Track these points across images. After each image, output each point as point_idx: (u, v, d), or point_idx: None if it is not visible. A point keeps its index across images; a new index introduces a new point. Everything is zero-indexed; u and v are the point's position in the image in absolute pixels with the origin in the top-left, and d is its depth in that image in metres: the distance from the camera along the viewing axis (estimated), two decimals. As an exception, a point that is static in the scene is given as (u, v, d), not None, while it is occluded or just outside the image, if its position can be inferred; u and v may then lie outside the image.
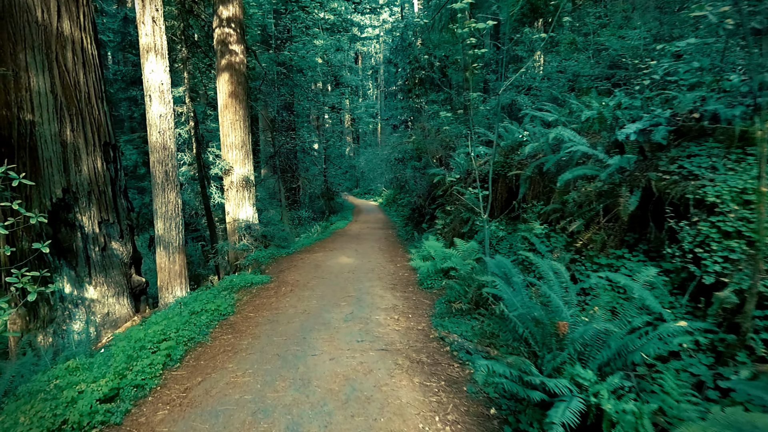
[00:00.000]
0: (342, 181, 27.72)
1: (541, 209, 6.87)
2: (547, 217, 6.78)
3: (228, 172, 12.89)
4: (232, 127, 12.91)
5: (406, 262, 10.76)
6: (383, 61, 37.04)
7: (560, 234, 6.36)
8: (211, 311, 6.62)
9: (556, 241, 6.33)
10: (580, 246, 5.59)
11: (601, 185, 5.63)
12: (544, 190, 7.09)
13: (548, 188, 6.94)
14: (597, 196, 5.72)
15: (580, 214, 5.88)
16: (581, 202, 5.92)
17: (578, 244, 5.58)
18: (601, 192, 5.61)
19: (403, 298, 7.64)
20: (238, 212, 13.10)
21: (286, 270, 10.59)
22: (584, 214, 5.84)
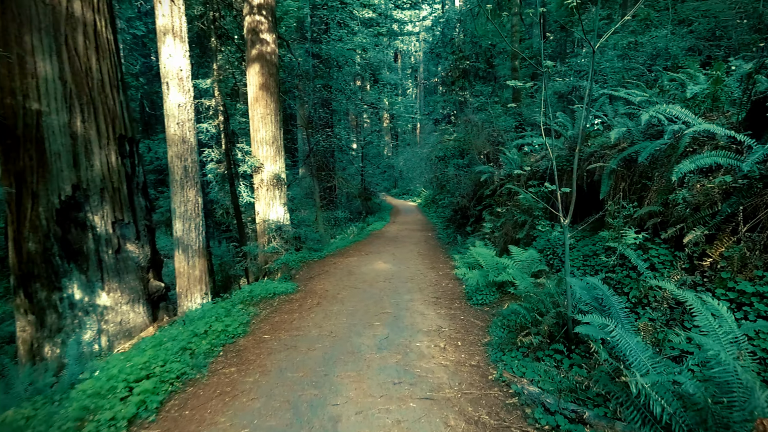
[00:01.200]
0: (380, 181, 26.37)
1: (633, 212, 5.19)
2: (640, 222, 5.12)
3: (258, 169, 11.75)
4: (263, 121, 11.76)
5: (449, 270, 9.23)
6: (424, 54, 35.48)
7: (662, 245, 4.71)
8: (217, 333, 5.33)
9: (657, 255, 4.68)
10: (707, 265, 3.92)
11: (731, 180, 3.97)
12: (634, 188, 5.43)
13: (640, 185, 5.28)
14: (724, 195, 4.06)
15: (697, 220, 4.22)
16: (698, 203, 4.26)
17: (706, 262, 3.91)
18: (733, 189, 3.95)
19: (449, 317, 6.13)
20: (269, 212, 11.94)
21: (316, 277, 9.27)
22: (703, 219, 4.17)
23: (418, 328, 5.69)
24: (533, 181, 7.63)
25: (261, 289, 7.40)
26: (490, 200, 9.65)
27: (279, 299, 7.28)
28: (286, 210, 12.09)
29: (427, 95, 36.16)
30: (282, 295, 7.53)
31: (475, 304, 6.56)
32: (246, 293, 7.18)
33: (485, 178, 9.54)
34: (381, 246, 12.93)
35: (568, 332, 4.24)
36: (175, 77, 8.30)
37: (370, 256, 11.27)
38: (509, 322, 5.25)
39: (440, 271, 9.17)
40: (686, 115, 4.79)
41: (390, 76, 26.94)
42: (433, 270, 9.33)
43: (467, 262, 8.86)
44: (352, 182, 22.84)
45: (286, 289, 7.69)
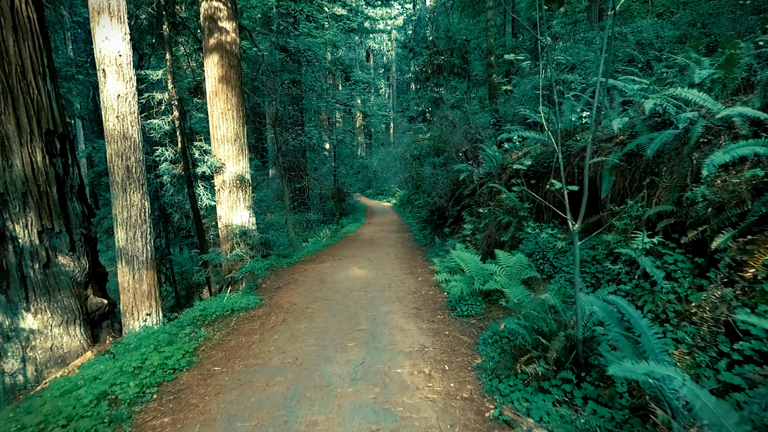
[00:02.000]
0: (354, 182, 25.32)
1: (642, 213, 4.34)
2: (648, 223, 4.28)
3: (219, 170, 10.57)
4: (223, 117, 10.59)
5: (428, 275, 8.31)
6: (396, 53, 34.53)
7: (676, 251, 3.89)
8: (152, 368, 4.21)
9: (674, 261, 3.86)
10: (749, 275, 3.08)
11: (763, 174, 3.16)
12: (637, 185, 4.60)
13: (647, 181, 4.45)
14: (754, 192, 3.25)
15: (723, 221, 3.40)
16: (722, 201, 3.44)
17: (748, 272, 3.07)
18: (764, 184, 3.15)
19: (433, 332, 5.19)
20: (232, 216, 10.77)
21: (284, 287, 8.20)
22: (730, 220, 3.36)
23: (398, 349, 4.71)
24: (517, 179, 6.77)
25: (217, 305, 6.28)
26: (470, 200, 8.78)
27: (238, 317, 6.18)
28: (252, 213, 10.93)
29: (401, 95, 35.30)
30: (242, 311, 6.43)
31: (460, 316, 5.63)
32: (198, 312, 6.06)
33: (464, 177, 8.66)
34: (356, 249, 11.92)
35: (577, 356, 3.36)
36: (112, 63, 7.10)
37: (344, 261, 10.25)
38: (504, 342, 4.33)
39: (419, 277, 8.23)
40: (704, 99, 3.99)
41: (362, 75, 25.94)
42: (411, 275, 8.38)
43: (448, 266, 7.95)
44: (324, 183, 21.72)
45: (247, 304, 6.60)
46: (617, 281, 4.47)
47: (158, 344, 4.68)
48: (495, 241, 6.75)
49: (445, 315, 5.79)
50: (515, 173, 6.94)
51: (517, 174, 6.87)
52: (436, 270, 8.35)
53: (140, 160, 7.54)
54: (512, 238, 6.37)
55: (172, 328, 5.37)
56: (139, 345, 4.76)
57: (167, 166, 10.47)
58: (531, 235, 6.16)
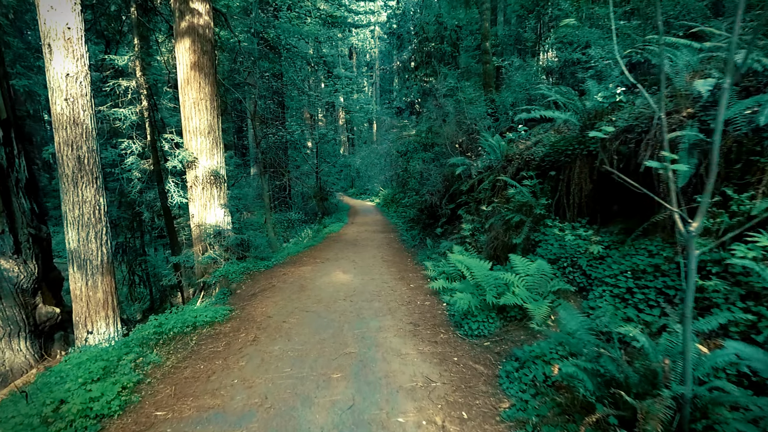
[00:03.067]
0: (336, 181, 24.21)
1: (748, 207, 3.32)
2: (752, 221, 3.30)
3: (191, 164, 9.44)
4: (196, 107, 9.46)
5: (421, 281, 7.37)
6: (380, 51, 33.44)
7: None
8: (70, 417, 3.12)
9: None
10: None
11: None
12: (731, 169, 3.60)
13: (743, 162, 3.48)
14: None
15: None
16: None
17: None
18: None
19: (438, 358, 4.22)
20: (205, 215, 9.64)
21: (260, 294, 7.15)
22: None
23: (396, 383, 3.73)
24: (528, 172, 5.85)
25: (176, 319, 5.20)
26: (468, 197, 7.86)
27: (200, 335, 5.11)
28: (227, 212, 9.81)
29: (384, 93, 34.28)
30: (206, 326, 5.36)
31: (469, 336, 4.67)
32: (152, 329, 4.95)
33: (460, 171, 7.72)
34: (339, 251, 10.89)
35: (682, 424, 2.35)
36: (59, 37, 5.94)
37: (326, 264, 9.22)
38: (547, 387, 3.35)
39: (411, 283, 7.26)
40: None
41: (345, 73, 24.86)
42: (402, 281, 7.41)
43: (444, 271, 7.03)
44: (307, 182, 20.59)
45: (213, 317, 5.53)
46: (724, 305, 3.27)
47: (88, 378, 3.58)
48: (503, 243, 5.82)
49: (449, 334, 4.83)
50: (525, 164, 6.04)
51: (527, 165, 5.96)
52: (431, 275, 7.41)
53: (94, 150, 6.40)
54: (527, 240, 5.45)
55: (116, 351, 4.27)
56: (67, 375, 3.65)
57: (134, 159, 9.26)
58: (552, 236, 5.21)
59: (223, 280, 8.92)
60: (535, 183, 5.67)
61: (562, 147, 5.35)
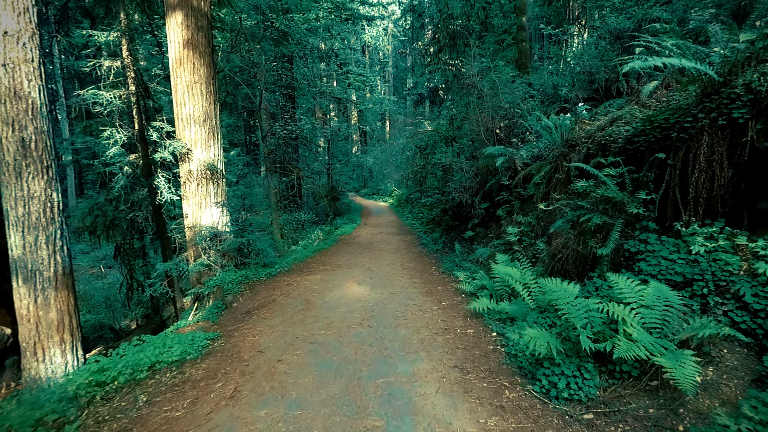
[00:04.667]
0: (349, 180, 22.61)
1: None
2: None
3: (185, 157, 7.94)
4: (189, 91, 7.95)
5: (454, 296, 5.75)
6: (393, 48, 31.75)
7: None
8: None
9: None
10: None
11: None
12: None
13: None
14: None
15: None
16: None
17: None
18: None
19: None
20: (200, 215, 8.12)
21: (256, 312, 5.58)
22: None
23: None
24: (608, 158, 4.17)
25: (130, 360, 3.62)
26: (509, 194, 6.19)
27: (159, 383, 3.53)
28: (225, 212, 8.27)
29: (396, 92, 32.69)
30: (172, 368, 3.76)
31: (553, 398, 3.01)
32: (87, 376, 3.35)
33: (501, 163, 6.05)
34: (352, 256, 9.28)
35: None
36: (-7, -17, 4.40)
37: (338, 273, 7.62)
38: None
39: (443, 299, 5.63)
40: None
41: (357, 70, 23.29)
42: (431, 297, 5.78)
43: (485, 286, 5.42)
44: (318, 181, 19.02)
45: (183, 353, 3.95)
46: None
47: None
48: (577, 254, 4.16)
49: (518, 391, 3.19)
50: (600, 149, 4.38)
51: (603, 150, 4.31)
52: (466, 289, 5.77)
53: (44, 131, 4.87)
54: (618, 250, 3.77)
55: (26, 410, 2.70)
56: None
57: (118, 151, 7.73)
58: (662, 246, 3.50)
59: (217, 290, 7.38)
60: (623, 171, 3.99)
61: (672, 119, 3.66)
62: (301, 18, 11.22)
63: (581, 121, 5.25)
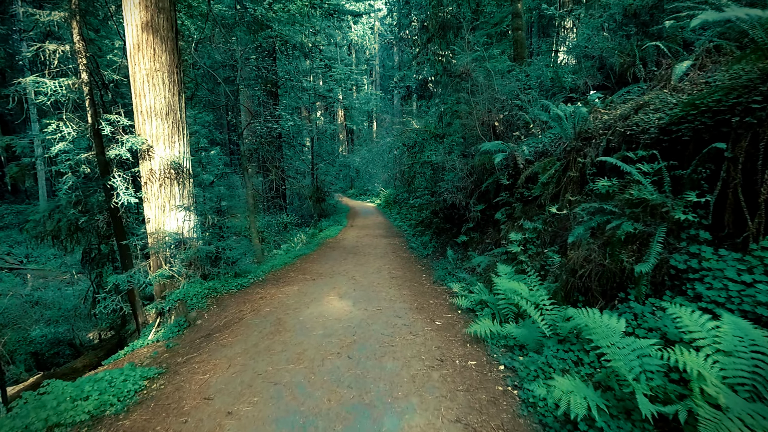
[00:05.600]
0: (335, 181, 21.60)
1: None
2: None
3: (145, 154, 6.94)
4: (150, 81, 6.97)
5: (449, 313, 4.89)
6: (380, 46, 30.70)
7: None
8: None
9: None
10: None
11: None
12: None
13: None
14: None
15: None
16: None
17: None
18: None
19: None
20: (164, 219, 7.14)
21: (217, 335, 4.64)
22: None
23: None
24: (640, 151, 3.31)
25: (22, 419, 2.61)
26: (509, 195, 5.33)
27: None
28: (193, 215, 7.28)
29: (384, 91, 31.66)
30: (82, 430, 2.78)
31: None
32: None
33: (500, 160, 5.17)
34: (336, 262, 8.36)
35: None
36: None
37: (318, 284, 6.69)
38: None
39: (436, 318, 4.75)
40: None
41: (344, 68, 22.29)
42: (421, 313, 4.90)
43: (484, 301, 4.57)
44: (303, 181, 18.00)
45: (103, 405, 2.98)
46: None
47: None
48: (603, 270, 3.28)
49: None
50: (625, 141, 3.52)
51: (629, 142, 3.45)
52: (462, 304, 4.93)
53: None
54: (660, 267, 2.90)
55: None
56: None
57: (66, 146, 6.67)
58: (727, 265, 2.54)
59: (180, 305, 6.39)
60: (660, 167, 3.13)
61: (728, 100, 2.82)
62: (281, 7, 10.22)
63: (595, 110, 4.41)
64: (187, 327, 5.89)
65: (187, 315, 6.15)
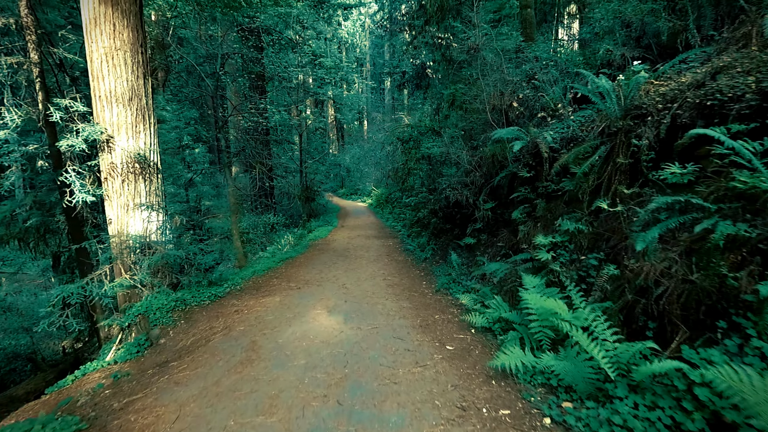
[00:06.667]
0: (325, 180, 20.51)
1: None
2: None
3: (106, 146, 5.89)
4: (109, 61, 5.93)
5: (461, 332, 3.96)
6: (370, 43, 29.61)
7: None
8: None
9: None
10: None
11: None
12: None
13: None
14: None
15: None
16: None
17: None
18: None
19: None
20: (127, 220, 6.10)
21: (172, 368, 3.62)
22: None
23: None
24: (734, 125, 2.39)
25: None
26: (528, 190, 4.38)
27: None
28: (162, 216, 6.24)
29: (375, 90, 30.68)
30: None
31: None
32: None
33: (520, 148, 4.23)
34: (325, 267, 7.36)
35: None
36: None
37: (304, 293, 5.70)
38: None
39: (447, 341, 3.81)
40: None
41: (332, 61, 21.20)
42: (427, 334, 3.95)
43: (508, 321, 3.61)
44: (291, 180, 16.91)
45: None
46: None
47: None
48: (692, 289, 2.32)
49: None
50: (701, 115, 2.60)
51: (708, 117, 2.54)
52: (476, 322, 4.00)
53: None
54: None
55: None
56: None
57: (5, 134, 5.57)
58: None
59: (141, 320, 5.33)
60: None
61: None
62: None
63: (648, 82, 3.51)
64: (148, 347, 4.86)
65: (149, 332, 5.11)
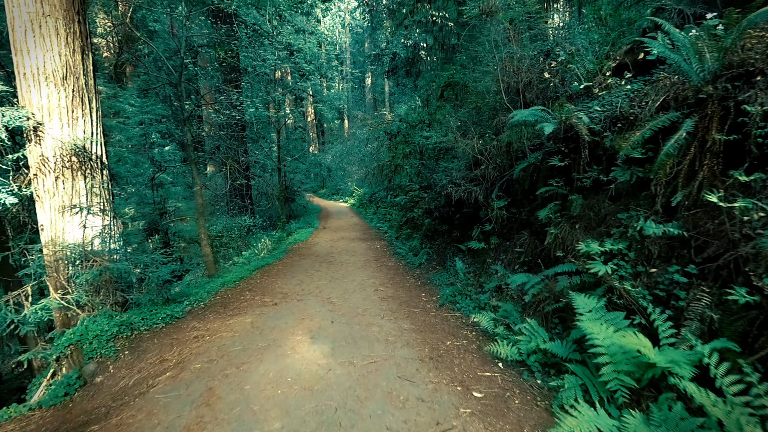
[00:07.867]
0: (305, 180, 19.25)
1: None
2: None
3: (32, 134, 4.63)
4: (36, 30, 4.70)
5: (484, 366, 2.99)
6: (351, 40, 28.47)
7: None
8: None
9: None
10: None
11: None
12: None
13: None
14: None
15: None
16: None
17: None
18: None
19: None
20: (63, 227, 4.89)
21: (101, 427, 2.42)
22: None
23: None
24: None
25: None
26: (560, 183, 3.42)
27: None
28: (108, 220, 5.02)
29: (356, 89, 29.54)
30: None
31: None
32: None
33: (550, 131, 3.27)
34: (306, 275, 6.27)
35: None
36: None
37: (281, 311, 4.61)
38: None
39: (471, 383, 2.83)
40: None
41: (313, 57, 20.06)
42: (442, 371, 2.96)
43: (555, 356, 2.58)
44: (270, 180, 15.64)
45: None
46: None
47: None
48: None
49: None
50: None
51: None
52: (504, 353, 3.10)
53: None
54: None
55: None
56: None
57: None
58: None
59: (73, 353, 4.12)
60: None
61: None
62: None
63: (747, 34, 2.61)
64: (79, 388, 3.69)
65: (82, 368, 3.93)
